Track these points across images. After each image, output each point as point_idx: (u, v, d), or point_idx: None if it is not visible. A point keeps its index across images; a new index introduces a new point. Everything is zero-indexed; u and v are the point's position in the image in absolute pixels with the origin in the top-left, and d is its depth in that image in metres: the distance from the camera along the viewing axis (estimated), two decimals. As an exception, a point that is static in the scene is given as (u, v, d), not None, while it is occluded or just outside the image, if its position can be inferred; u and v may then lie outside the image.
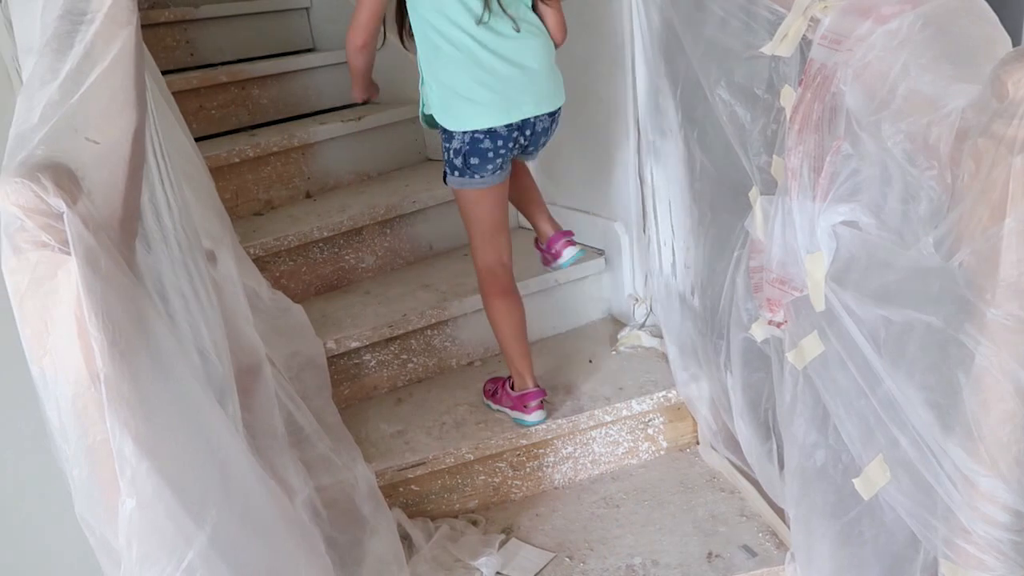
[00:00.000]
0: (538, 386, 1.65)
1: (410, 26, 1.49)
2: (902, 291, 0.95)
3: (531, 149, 1.55)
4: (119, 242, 0.82)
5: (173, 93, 1.66)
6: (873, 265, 1.01)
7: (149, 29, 2.36)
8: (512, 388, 1.66)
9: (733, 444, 1.55)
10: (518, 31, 1.44)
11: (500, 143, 1.47)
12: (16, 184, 0.73)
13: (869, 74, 0.97)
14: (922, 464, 0.92)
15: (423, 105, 1.54)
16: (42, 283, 0.75)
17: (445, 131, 1.49)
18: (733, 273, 1.38)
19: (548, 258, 1.71)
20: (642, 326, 1.91)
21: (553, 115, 1.53)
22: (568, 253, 1.67)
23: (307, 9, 2.77)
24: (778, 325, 1.24)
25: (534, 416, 1.63)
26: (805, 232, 1.10)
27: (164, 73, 1.73)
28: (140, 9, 2.63)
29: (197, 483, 0.87)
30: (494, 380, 1.74)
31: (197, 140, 1.81)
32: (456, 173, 1.50)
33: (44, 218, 0.74)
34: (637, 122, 1.75)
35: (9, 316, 0.75)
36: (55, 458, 0.82)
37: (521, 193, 1.69)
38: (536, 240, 1.74)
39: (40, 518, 1.75)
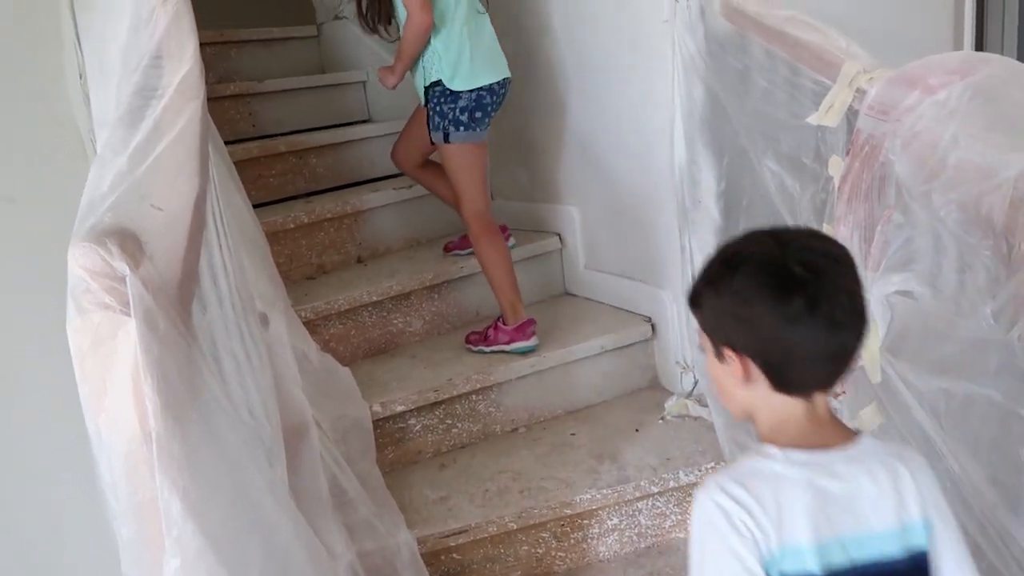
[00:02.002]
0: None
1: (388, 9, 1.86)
2: (961, 363, 0.93)
3: (493, 112, 1.85)
4: (177, 304, 0.85)
5: (235, 162, 1.73)
6: (929, 335, 0.98)
7: (214, 102, 2.48)
8: (505, 324, 1.85)
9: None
10: (483, 11, 1.83)
11: (493, 98, 1.83)
12: (84, 248, 0.76)
13: (918, 144, 0.96)
14: (987, 546, 0.88)
15: (425, 79, 1.81)
16: (103, 343, 0.78)
17: (452, 94, 1.79)
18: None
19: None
20: (690, 394, 1.88)
21: (506, 83, 1.86)
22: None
23: (363, 83, 2.89)
24: (835, 396, 1.21)
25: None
26: (857, 301, 1.08)
27: (227, 143, 1.81)
28: (207, 83, 2.77)
29: (240, 544, 0.87)
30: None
31: (256, 207, 1.88)
32: (462, 128, 1.80)
33: (108, 280, 0.77)
34: (677, 191, 1.76)
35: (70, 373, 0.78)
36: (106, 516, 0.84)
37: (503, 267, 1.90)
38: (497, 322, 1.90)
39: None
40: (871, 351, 1.04)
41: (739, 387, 0.80)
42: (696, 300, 0.84)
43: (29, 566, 1.75)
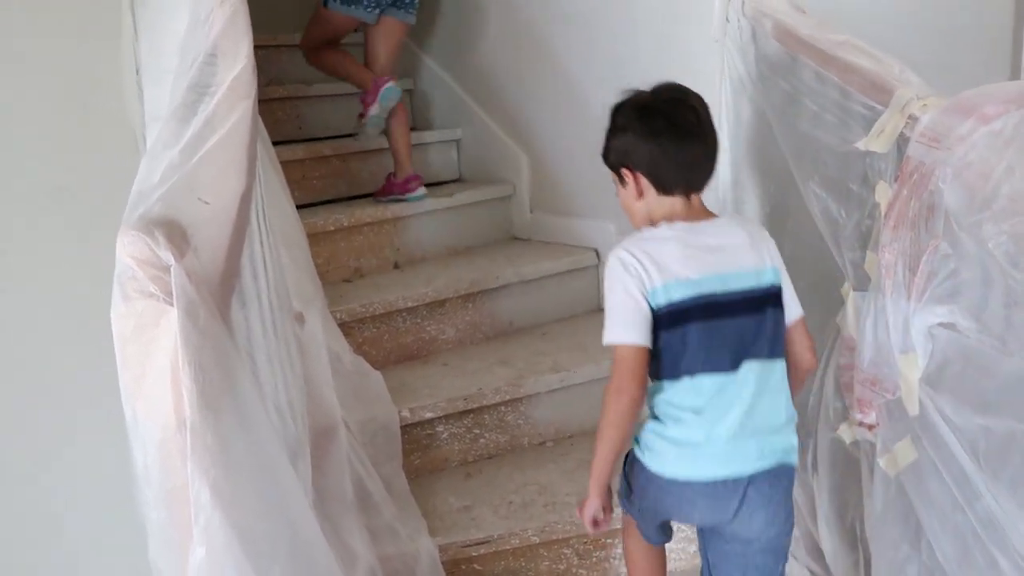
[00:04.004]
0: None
1: None
2: (1004, 400, 0.90)
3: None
4: (218, 296, 0.86)
5: (281, 163, 1.76)
6: (972, 370, 0.96)
7: (264, 103, 2.51)
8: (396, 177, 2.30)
9: (816, 552, 1.46)
10: None
11: None
12: (132, 236, 0.78)
13: (970, 173, 0.94)
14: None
15: None
16: (145, 330, 0.79)
17: None
18: (822, 370, 1.33)
19: (395, 189, 2.35)
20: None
21: None
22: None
23: (410, 91, 2.92)
24: (869, 428, 1.18)
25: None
26: (899, 331, 1.06)
27: (274, 144, 1.84)
28: (257, 85, 2.81)
29: (266, 538, 0.88)
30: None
31: (299, 207, 1.90)
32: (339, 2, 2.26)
33: (154, 269, 0.78)
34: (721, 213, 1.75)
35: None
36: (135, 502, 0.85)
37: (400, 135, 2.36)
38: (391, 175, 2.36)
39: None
40: (909, 382, 1.02)
41: (637, 200, 1.19)
42: (604, 155, 1.22)
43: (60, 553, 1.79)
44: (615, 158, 1.20)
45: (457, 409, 1.77)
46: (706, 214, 1.19)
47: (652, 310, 1.10)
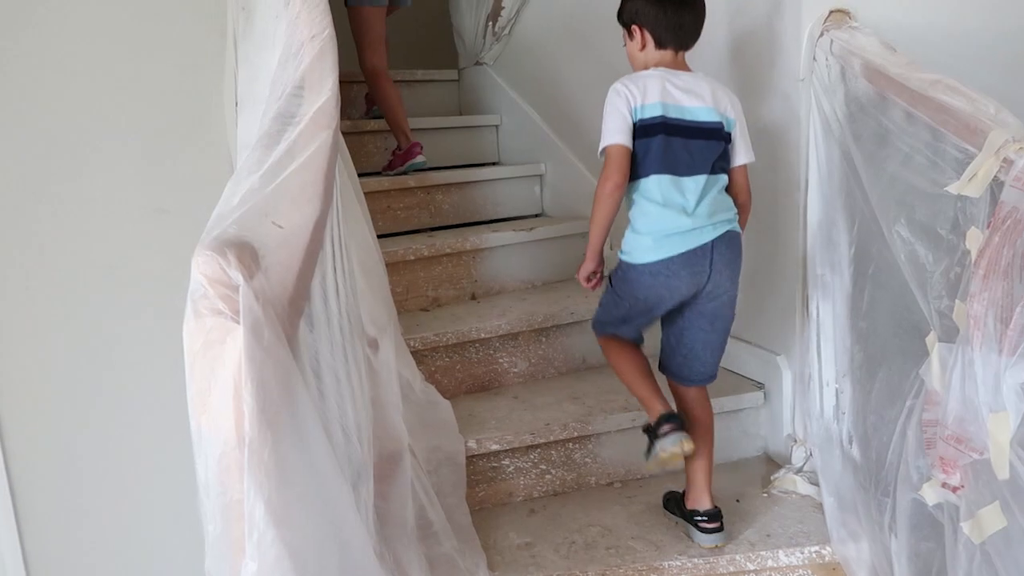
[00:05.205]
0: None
1: None
2: (1105, 468, 0.82)
3: None
4: (285, 318, 0.88)
5: (366, 193, 1.82)
6: (1070, 434, 0.88)
7: (356, 135, 2.63)
8: (399, 151, 2.63)
9: (894, 620, 1.36)
10: None
11: None
12: (206, 256, 0.82)
13: (1069, 221, 0.88)
14: None
15: None
16: (212, 347, 0.82)
17: None
18: (904, 424, 1.26)
19: (401, 161, 2.55)
20: (799, 470, 1.77)
21: None
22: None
23: (496, 127, 2.98)
24: (953, 489, 1.10)
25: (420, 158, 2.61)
26: (988, 388, 0.99)
27: (362, 175, 1.90)
28: (351, 119, 2.95)
29: (317, 558, 0.89)
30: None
31: (381, 236, 1.95)
32: None
33: (224, 288, 0.82)
34: (805, 254, 1.69)
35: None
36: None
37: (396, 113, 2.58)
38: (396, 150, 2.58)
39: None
40: (999, 443, 0.95)
41: (640, 51, 1.55)
42: (619, 13, 1.58)
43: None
44: (628, 16, 1.55)
45: (524, 443, 1.75)
46: (686, 68, 1.55)
47: (633, 124, 1.47)
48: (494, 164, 2.94)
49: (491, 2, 2.86)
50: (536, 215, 2.74)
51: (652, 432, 1.53)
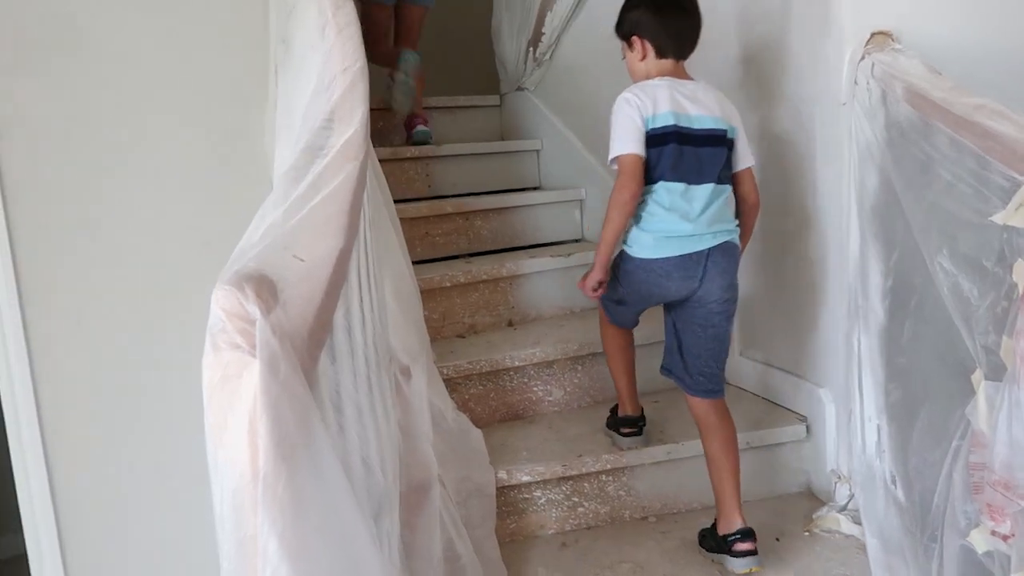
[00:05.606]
0: None
1: None
2: None
3: None
4: (304, 351, 0.88)
5: (405, 219, 1.82)
6: (1125, 483, 0.82)
7: (395, 163, 2.65)
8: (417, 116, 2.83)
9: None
10: None
11: None
12: (225, 290, 0.82)
13: (1122, 256, 0.83)
14: None
15: None
16: (229, 381, 0.82)
17: None
18: (950, 466, 1.20)
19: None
20: (843, 509, 1.70)
21: None
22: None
23: (538, 151, 2.98)
24: (1004, 538, 1.04)
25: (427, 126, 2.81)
26: (1037, 431, 0.94)
27: (402, 201, 1.91)
28: (391, 146, 2.96)
29: (332, 595, 0.88)
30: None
31: (418, 263, 1.95)
32: None
33: (242, 322, 0.82)
34: (850, 285, 1.63)
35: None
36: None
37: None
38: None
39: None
40: (1048, 492, 0.89)
41: (640, 63, 1.59)
42: (618, 25, 1.63)
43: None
44: (628, 28, 1.59)
45: (556, 475, 1.73)
46: (687, 76, 1.59)
47: (646, 132, 1.50)
48: (535, 189, 2.93)
49: (532, 28, 2.87)
50: (576, 240, 2.72)
51: (724, 542, 1.53)
